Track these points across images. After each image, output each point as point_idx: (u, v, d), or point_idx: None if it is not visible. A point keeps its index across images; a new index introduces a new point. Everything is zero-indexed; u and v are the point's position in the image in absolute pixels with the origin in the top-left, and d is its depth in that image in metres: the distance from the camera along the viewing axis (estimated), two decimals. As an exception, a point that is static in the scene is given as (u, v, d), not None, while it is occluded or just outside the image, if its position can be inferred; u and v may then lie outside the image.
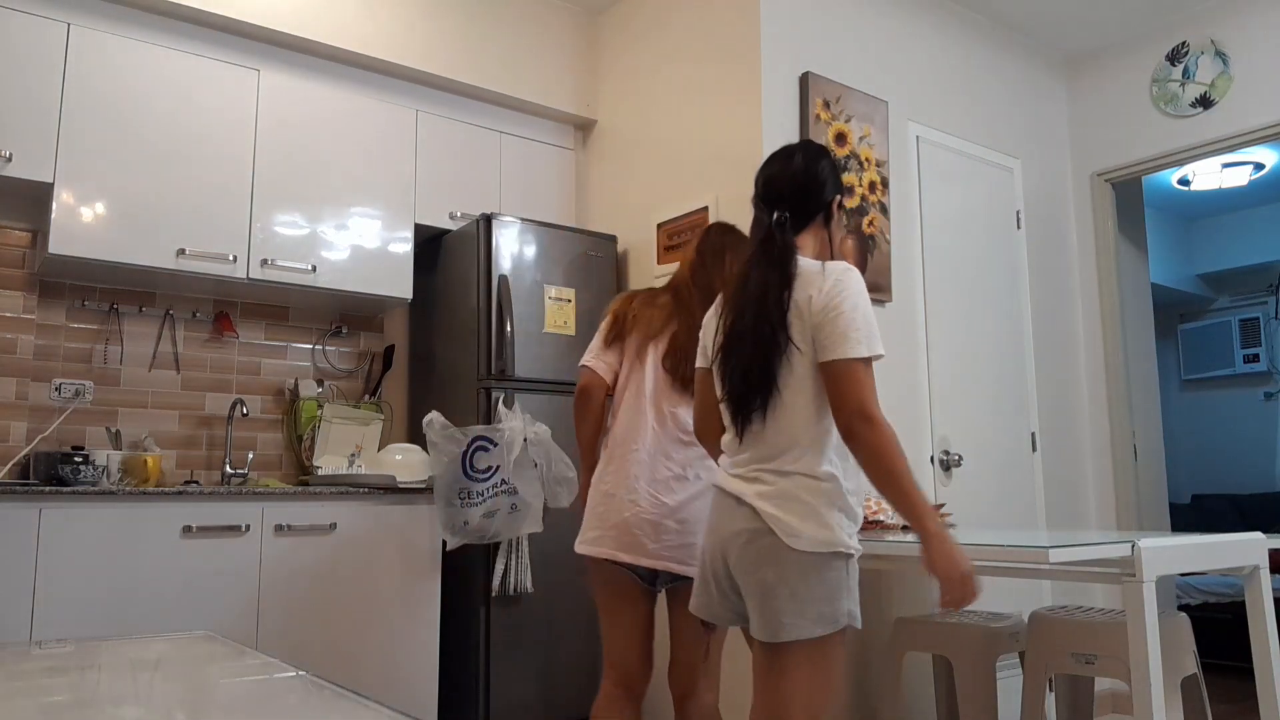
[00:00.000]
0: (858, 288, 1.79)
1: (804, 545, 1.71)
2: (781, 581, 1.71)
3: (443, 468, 3.06)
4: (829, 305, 1.75)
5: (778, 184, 1.93)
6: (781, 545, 1.72)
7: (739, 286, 1.87)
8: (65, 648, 1.17)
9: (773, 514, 1.73)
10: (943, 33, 3.94)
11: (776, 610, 1.71)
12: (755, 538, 1.74)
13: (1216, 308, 6.85)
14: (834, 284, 1.77)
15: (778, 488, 1.76)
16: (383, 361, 3.70)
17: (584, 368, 2.39)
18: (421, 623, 3.06)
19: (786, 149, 2.00)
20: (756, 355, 1.79)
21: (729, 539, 1.80)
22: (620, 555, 2.20)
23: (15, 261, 3.06)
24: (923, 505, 1.72)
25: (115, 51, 3.01)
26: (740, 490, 1.79)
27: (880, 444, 1.70)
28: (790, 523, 1.72)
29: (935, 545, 1.71)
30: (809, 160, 1.95)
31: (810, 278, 1.80)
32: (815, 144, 2.04)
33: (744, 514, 1.77)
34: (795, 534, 1.71)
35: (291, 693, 0.95)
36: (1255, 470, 6.53)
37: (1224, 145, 3.98)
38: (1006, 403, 3.91)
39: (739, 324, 1.83)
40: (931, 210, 3.76)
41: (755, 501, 1.76)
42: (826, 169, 1.96)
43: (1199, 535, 2.33)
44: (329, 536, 2.91)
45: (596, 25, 4.13)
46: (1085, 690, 2.91)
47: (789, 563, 1.71)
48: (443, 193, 3.64)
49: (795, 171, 1.93)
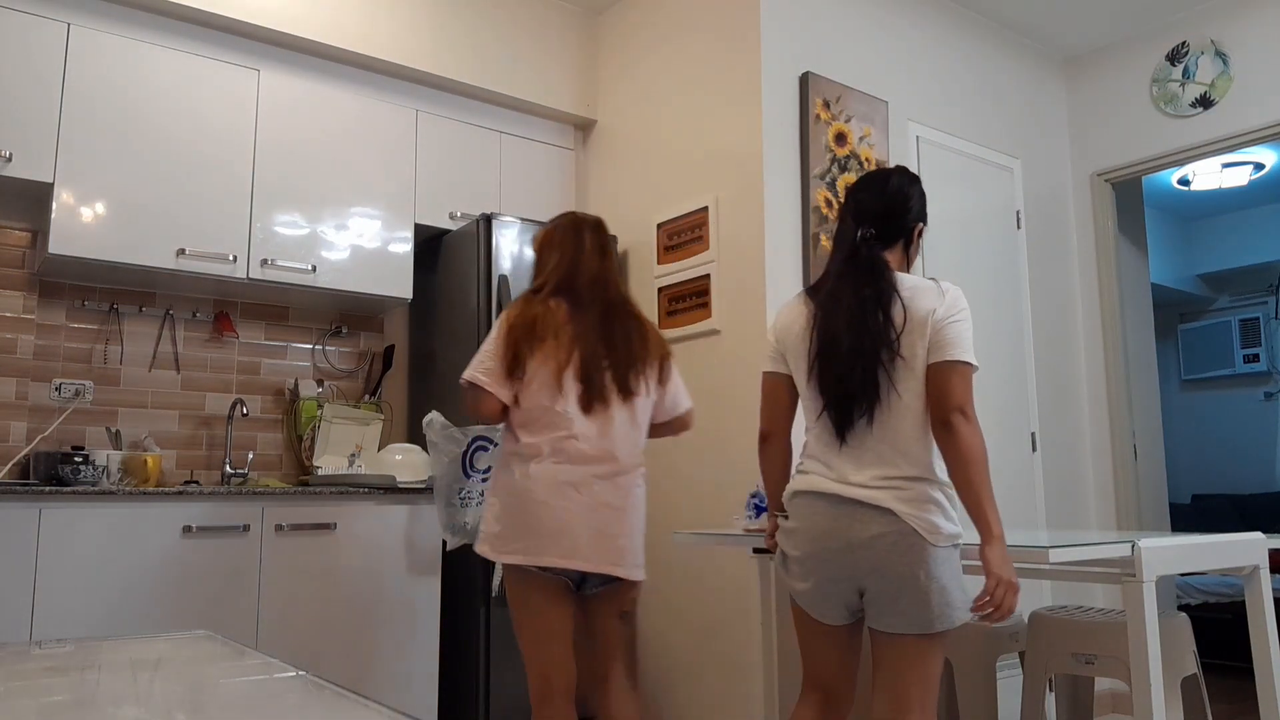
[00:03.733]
0: (968, 309, 1.98)
1: (942, 541, 1.87)
2: (931, 578, 1.85)
3: (443, 468, 3.06)
4: (950, 315, 1.93)
5: (870, 203, 2.08)
6: (925, 543, 1.86)
7: (829, 298, 2.01)
8: (65, 648, 1.17)
9: (913, 514, 1.87)
10: (943, 33, 3.94)
11: (929, 603, 1.86)
12: (900, 539, 1.86)
13: (1216, 308, 6.85)
14: (954, 298, 1.96)
15: (913, 491, 1.89)
16: (383, 361, 3.70)
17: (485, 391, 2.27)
18: (421, 623, 3.06)
19: (883, 172, 2.16)
20: (857, 366, 1.92)
21: (864, 543, 1.89)
22: (557, 561, 2.20)
23: (15, 261, 3.06)
24: (994, 508, 1.87)
25: (115, 51, 3.01)
26: (873, 498, 1.89)
27: (973, 441, 1.87)
28: (933, 521, 1.87)
29: (1000, 548, 1.86)
30: (901, 185, 2.11)
31: (928, 291, 1.96)
32: (910, 172, 2.19)
33: (881, 518, 1.88)
34: (935, 531, 1.87)
35: (291, 693, 0.95)
36: (1255, 470, 6.53)
37: (1224, 145, 3.98)
38: (1006, 403, 3.91)
39: (838, 338, 1.96)
40: (931, 210, 3.71)
41: (894, 505, 1.87)
42: (916, 196, 2.13)
43: (1199, 535, 2.33)
44: (329, 536, 2.91)
45: (596, 25, 4.13)
46: (1085, 690, 2.91)
47: (935, 559, 1.86)
48: (443, 192, 3.64)
49: (889, 193, 2.09)
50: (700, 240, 3.44)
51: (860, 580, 1.91)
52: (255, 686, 0.97)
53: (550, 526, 2.19)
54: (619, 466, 2.27)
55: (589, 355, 2.27)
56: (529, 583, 2.23)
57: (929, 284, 1.98)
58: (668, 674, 3.40)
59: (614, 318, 2.33)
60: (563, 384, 2.25)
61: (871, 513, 1.88)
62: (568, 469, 2.22)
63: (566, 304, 2.31)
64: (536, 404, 2.25)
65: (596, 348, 2.28)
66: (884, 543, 1.86)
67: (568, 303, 2.31)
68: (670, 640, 3.40)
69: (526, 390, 2.26)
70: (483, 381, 2.26)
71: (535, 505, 2.21)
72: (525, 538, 2.20)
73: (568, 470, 2.22)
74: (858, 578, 1.91)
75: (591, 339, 2.28)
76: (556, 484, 2.21)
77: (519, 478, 2.24)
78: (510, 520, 2.23)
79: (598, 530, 2.22)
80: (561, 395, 2.25)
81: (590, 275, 2.35)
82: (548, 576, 2.22)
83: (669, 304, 3.55)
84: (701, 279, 3.41)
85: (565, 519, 2.20)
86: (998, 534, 1.85)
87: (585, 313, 2.31)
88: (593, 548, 2.21)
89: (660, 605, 3.45)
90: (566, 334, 2.27)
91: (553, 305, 2.30)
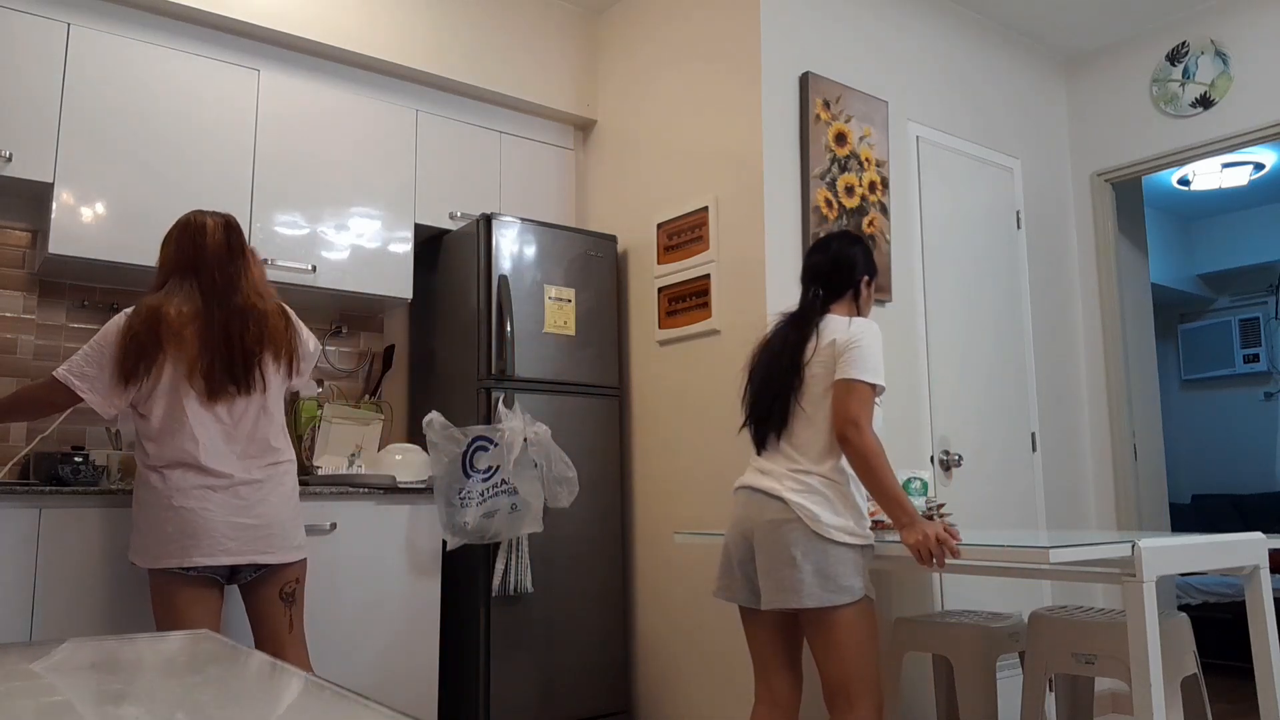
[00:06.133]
0: (875, 334, 2.25)
1: (825, 531, 2.14)
2: (806, 557, 2.13)
3: (443, 468, 3.06)
4: (850, 342, 2.22)
5: (819, 265, 2.42)
6: (806, 529, 2.15)
7: (774, 335, 2.40)
8: (65, 648, 1.16)
9: (799, 503, 2.17)
10: (943, 33, 3.94)
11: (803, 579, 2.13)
12: (785, 523, 2.17)
13: (1216, 308, 6.85)
14: (857, 329, 2.25)
15: (803, 484, 2.21)
16: (383, 361, 3.70)
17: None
18: (421, 623, 3.05)
19: (828, 237, 2.49)
20: (769, 394, 2.31)
21: (760, 525, 2.22)
22: (204, 560, 2.25)
23: (15, 261, 3.06)
24: (898, 499, 2.14)
25: (115, 51, 3.01)
26: (772, 488, 2.23)
27: (865, 449, 2.14)
28: (814, 511, 2.16)
29: (910, 528, 2.14)
30: (842, 247, 2.43)
31: (838, 325, 2.28)
32: (851, 234, 2.50)
33: (774, 504, 2.21)
34: (816, 520, 2.15)
35: (291, 693, 0.95)
36: (1255, 470, 6.53)
37: (1224, 145, 3.98)
38: (1006, 403, 3.91)
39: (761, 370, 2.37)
40: (931, 210, 3.76)
41: (786, 494, 2.20)
42: (858, 254, 2.42)
43: (1199, 535, 2.33)
44: (329, 536, 2.91)
45: (596, 25, 4.13)
46: (1085, 690, 2.91)
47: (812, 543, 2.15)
48: (443, 193, 3.64)
49: (830, 258, 2.42)
50: (700, 240, 3.44)
51: (755, 556, 2.23)
52: (255, 686, 0.97)
53: (193, 528, 2.25)
54: (254, 460, 2.35)
55: (211, 354, 2.30)
56: (175, 585, 2.28)
57: (841, 319, 2.31)
58: (667, 674, 3.40)
59: (236, 313, 2.35)
60: (187, 386, 2.29)
61: (769, 500, 2.22)
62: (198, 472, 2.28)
63: (186, 302, 2.33)
64: (161, 410, 2.29)
65: (219, 346, 2.31)
66: (770, 526, 2.19)
67: (187, 301, 2.33)
68: (670, 640, 3.40)
69: (149, 399, 2.29)
70: (78, 387, 2.29)
71: (174, 511, 2.26)
72: (170, 542, 2.25)
73: (200, 473, 2.28)
74: (752, 557, 2.24)
75: (213, 337, 2.31)
76: (193, 487, 2.27)
77: (156, 485, 2.28)
78: (153, 529, 2.27)
79: (240, 525, 2.29)
80: (186, 397, 2.29)
81: (211, 271, 2.36)
82: (192, 576, 2.28)
83: (669, 304, 3.55)
84: (701, 279, 3.41)
85: (206, 518, 2.26)
86: (906, 522, 2.14)
87: (207, 310, 2.33)
88: (239, 541, 2.29)
89: (660, 605, 3.45)
90: (188, 333, 2.30)
91: (172, 305, 2.31)
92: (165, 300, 2.33)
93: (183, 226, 2.43)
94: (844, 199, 3.41)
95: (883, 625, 3.12)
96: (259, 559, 2.33)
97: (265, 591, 2.41)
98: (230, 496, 2.30)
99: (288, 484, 2.43)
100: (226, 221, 2.45)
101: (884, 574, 3.19)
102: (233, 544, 2.29)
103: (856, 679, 2.12)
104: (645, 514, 3.55)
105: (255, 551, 2.32)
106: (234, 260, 2.41)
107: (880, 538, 2.28)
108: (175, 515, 2.26)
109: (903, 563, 2.26)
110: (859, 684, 2.12)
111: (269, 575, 2.40)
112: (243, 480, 2.33)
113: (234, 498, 2.30)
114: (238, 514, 2.30)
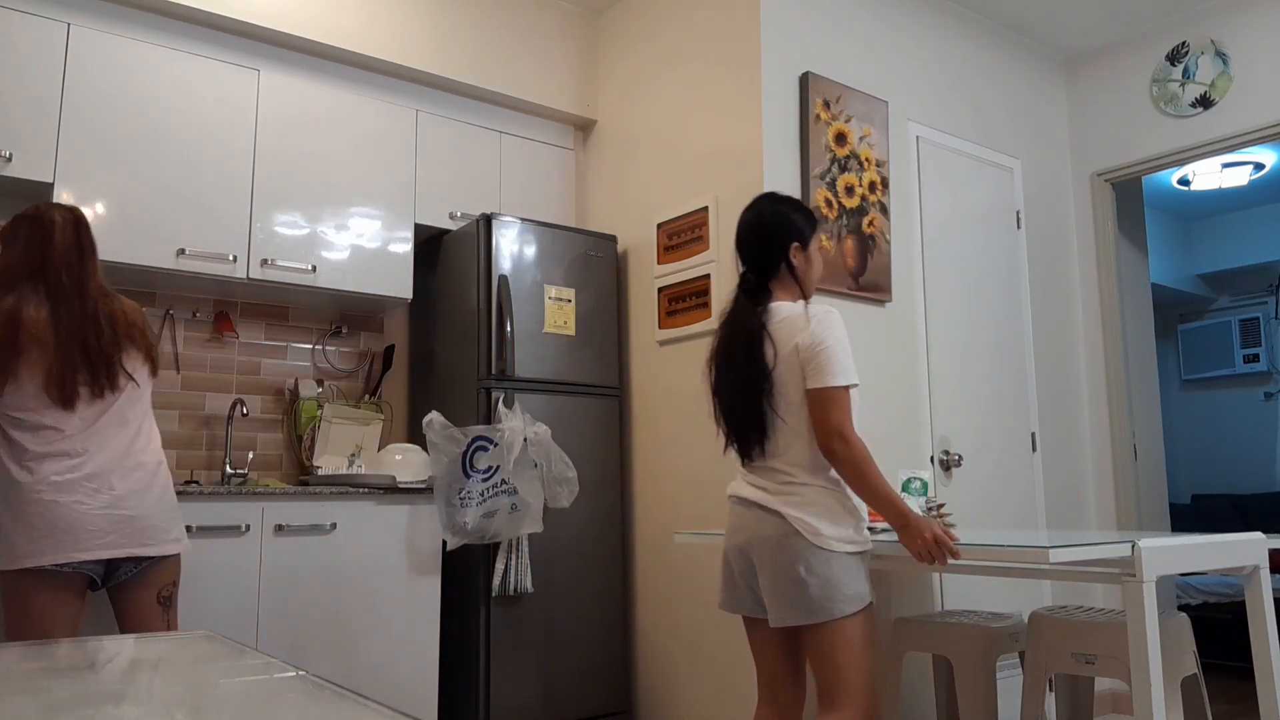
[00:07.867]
0: (837, 326, 2.11)
1: (825, 543, 2.05)
2: (811, 572, 2.04)
3: (443, 468, 3.06)
4: (814, 344, 2.07)
5: (742, 239, 2.25)
6: (807, 543, 2.05)
7: (719, 342, 2.21)
8: (65, 648, 1.16)
9: (797, 517, 2.07)
10: (943, 33, 3.94)
11: (810, 595, 2.05)
12: (784, 539, 2.07)
13: (1216, 308, 6.85)
14: (817, 326, 2.08)
15: (799, 497, 2.10)
16: (383, 361, 3.70)
17: None
18: (421, 623, 3.06)
19: (756, 198, 2.27)
20: (740, 409, 2.16)
21: (759, 540, 2.12)
22: (77, 556, 2.18)
23: (15, 261, 3.05)
24: (893, 502, 2.06)
25: (115, 51, 3.01)
26: (766, 500, 2.12)
27: (853, 458, 2.05)
28: (813, 524, 2.06)
29: (910, 530, 2.06)
30: (760, 210, 2.24)
31: (794, 324, 2.11)
32: (776, 194, 2.28)
33: (771, 519, 2.10)
34: (815, 533, 2.06)
35: (291, 693, 0.95)
36: (1255, 470, 6.53)
37: (1224, 145, 3.98)
38: (1006, 403, 3.91)
39: (724, 382, 2.20)
40: (931, 210, 3.76)
41: (781, 508, 2.09)
42: (785, 216, 2.21)
43: (1199, 535, 2.33)
44: (329, 536, 2.91)
45: (596, 25, 4.13)
46: (1085, 690, 2.91)
47: (816, 557, 2.05)
48: (443, 193, 3.64)
49: (752, 223, 2.24)
50: (700, 240, 3.44)
51: (757, 572, 2.14)
52: (255, 686, 0.97)
53: (66, 522, 2.17)
54: (125, 457, 2.27)
55: (68, 361, 2.22)
56: (36, 586, 2.17)
57: (795, 311, 2.13)
58: (667, 674, 3.40)
59: (89, 317, 2.28)
60: (41, 385, 2.21)
61: (766, 515, 2.12)
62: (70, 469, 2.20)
63: (33, 299, 2.24)
64: (20, 407, 2.21)
65: (76, 352, 2.23)
66: (771, 543, 2.10)
67: (34, 298, 2.25)
68: (670, 640, 3.40)
69: (13, 399, 2.21)
70: None
71: (44, 505, 2.17)
72: (41, 539, 2.15)
73: (68, 469, 2.20)
74: (754, 571, 2.16)
75: (67, 343, 2.23)
76: (65, 481, 2.19)
77: (22, 479, 2.19)
78: (18, 526, 2.17)
79: (117, 518, 2.22)
80: (44, 396, 2.21)
81: (59, 273, 2.27)
82: (59, 577, 2.18)
83: (669, 304, 3.55)
84: (702, 279, 3.41)
85: (81, 511, 2.18)
86: (901, 525, 2.06)
87: (55, 315, 2.24)
88: (117, 535, 2.22)
89: (660, 605, 3.45)
90: (46, 338, 2.22)
91: (30, 307, 2.23)
92: (21, 302, 2.23)
93: (31, 222, 2.31)
94: (844, 199, 3.41)
95: (883, 625, 3.12)
96: (137, 551, 2.24)
97: (141, 594, 2.31)
98: (104, 490, 2.22)
99: (161, 477, 2.35)
100: (76, 218, 2.36)
101: (884, 574, 3.19)
102: (111, 537, 2.21)
103: (853, 681, 2.10)
104: (645, 514, 3.55)
105: (134, 544, 2.24)
106: (84, 261, 2.31)
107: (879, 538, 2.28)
108: (45, 510, 2.16)
109: (903, 562, 2.26)
110: (856, 685, 2.10)
111: (145, 576, 2.30)
112: (117, 475, 2.24)
113: (108, 491, 2.22)
114: (113, 507, 2.22)
